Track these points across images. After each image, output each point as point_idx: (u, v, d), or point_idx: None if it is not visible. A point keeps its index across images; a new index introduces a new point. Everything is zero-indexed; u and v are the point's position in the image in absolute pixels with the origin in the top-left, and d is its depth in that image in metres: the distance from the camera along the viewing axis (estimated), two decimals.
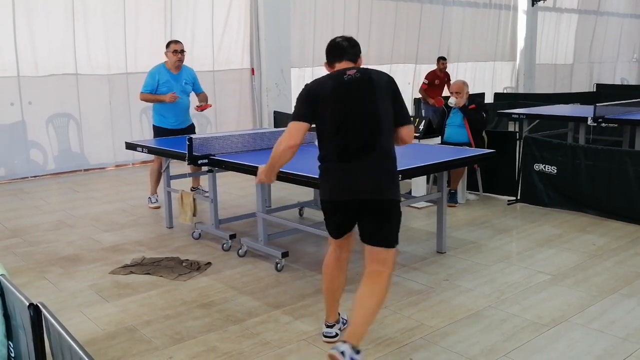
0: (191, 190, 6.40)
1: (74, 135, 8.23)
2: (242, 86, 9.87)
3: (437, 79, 10.26)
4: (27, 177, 7.83)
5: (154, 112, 6.11)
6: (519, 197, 5.99)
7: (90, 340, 3.20)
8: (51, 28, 7.82)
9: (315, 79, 3.02)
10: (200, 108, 6.19)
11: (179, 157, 4.65)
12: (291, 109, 11.26)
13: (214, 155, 4.46)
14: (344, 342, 2.62)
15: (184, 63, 6.03)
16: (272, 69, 9.71)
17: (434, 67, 11.96)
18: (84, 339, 3.21)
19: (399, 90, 2.94)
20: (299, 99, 2.93)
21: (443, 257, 4.47)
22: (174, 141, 5.51)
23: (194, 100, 6.26)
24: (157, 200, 6.18)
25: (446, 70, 10.41)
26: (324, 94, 2.86)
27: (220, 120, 9.63)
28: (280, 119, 9.50)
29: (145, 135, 8.63)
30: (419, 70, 12.97)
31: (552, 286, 3.84)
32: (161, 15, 8.78)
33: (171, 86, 5.90)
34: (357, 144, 2.77)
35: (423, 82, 10.35)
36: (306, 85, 3.01)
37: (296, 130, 2.85)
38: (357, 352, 2.60)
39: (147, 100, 6.00)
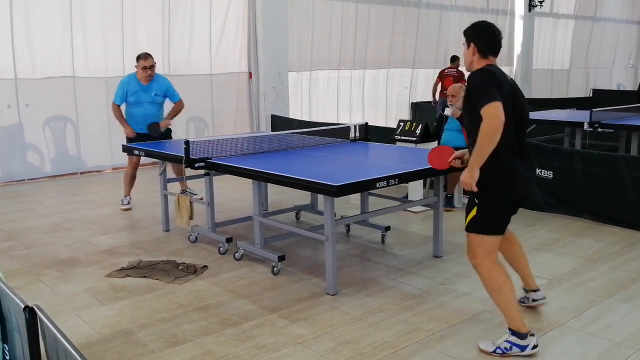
0: (181, 193, 6.41)
1: (70, 138, 8.21)
2: (239, 90, 9.88)
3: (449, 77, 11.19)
4: (24, 180, 7.81)
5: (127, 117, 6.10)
6: None
7: (86, 344, 3.20)
8: (49, 31, 7.82)
9: (487, 68, 2.95)
10: (163, 124, 6.06)
11: (176, 160, 4.65)
12: (289, 113, 11.28)
13: (210, 159, 4.46)
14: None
15: (157, 73, 6.09)
16: (269, 72, 9.73)
17: (431, 71, 12.18)
18: (80, 342, 3.20)
19: None
20: (484, 83, 2.85)
21: (439, 261, 4.47)
22: (171, 144, 5.51)
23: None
24: (129, 202, 6.23)
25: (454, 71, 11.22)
26: (505, 86, 2.89)
27: (218, 124, 9.63)
28: (278, 123, 9.52)
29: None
30: (416, 75, 13.00)
31: (548, 290, 3.84)
32: (159, 18, 8.79)
33: (139, 97, 5.98)
34: (524, 143, 3.02)
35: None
36: (486, 71, 2.93)
37: (499, 108, 2.77)
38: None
39: (114, 115, 6.06)
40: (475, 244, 3.02)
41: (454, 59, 11.39)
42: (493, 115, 2.76)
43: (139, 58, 5.99)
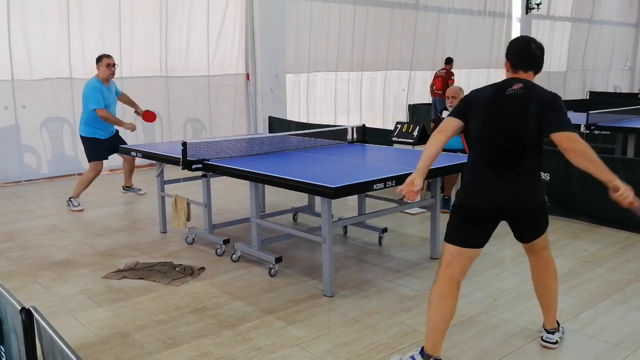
0: (124, 189, 6.83)
1: (68, 139, 8.20)
2: (237, 91, 9.88)
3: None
4: (21, 181, 7.80)
5: (86, 125, 6.21)
6: None
7: (83, 345, 3.19)
8: (46, 32, 7.81)
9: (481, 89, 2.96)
10: (145, 117, 6.63)
11: (173, 161, 4.65)
12: (286, 115, 11.29)
13: (208, 160, 4.46)
14: (553, 330, 3.14)
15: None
16: (267, 74, 9.73)
17: (428, 73, 12.31)
18: (76, 343, 3.19)
19: (559, 107, 2.76)
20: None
21: (436, 263, 4.44)
22: (168, 146, 5.51)
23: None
24: (79, 204, 6.30)
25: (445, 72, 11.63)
26: (479, 99, 2.88)
27: (215, 125, 9.63)
28: (275, 124, 9.52)
29: (139, 140, 8.62)
30: (413, 77, 13.02)
31: None
32: (156, 20, 8.78)
33: (109, 99, 6.21)
34: (494, 160, 2.83)
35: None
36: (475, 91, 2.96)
37: (445, 121, 2.93)
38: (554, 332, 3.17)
39: (108, 119, 6.15)
40: (442, 249, 2.97)
41: (448, 61, 11.73)
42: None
43: (101, 58, 6.21)
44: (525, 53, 2.85)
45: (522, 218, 2.91)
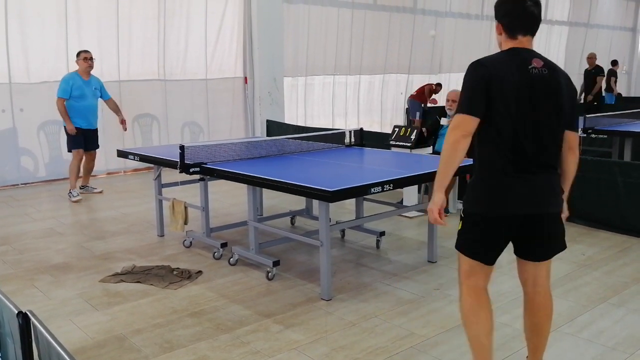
0: (80, 188, 7.14)
1: (65, 142, 8.18)
2: (234, 95, 9.89)
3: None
4: (18, 185, 7.79)
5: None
6: None
7: (80, 349, 3.18)
8: (44, 35, 7.81)
9: (488, 57, 2.43)
10: (123, 124, 7.22)
11: (171, 165, 4.65)
12: (284, 118, 11.29)
13: (205, 164, 4.46)
14: None
15: (92, 73, 6.91)
16: (265, 77, 9.73)
17: (426, 77, 12.32)
18: (73, 347, 3.19)
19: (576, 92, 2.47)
20: (464, 86, 2.41)
21: (434, 266, 4.48)
22: (166, 149, 5.50)
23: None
24: (78, 194, 6.87)
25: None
26: (503, 82, 2.34)
27: (213, 129, 9.63)
28: (273, 128, 9.52)
29: (137, 143, 8.62)
30: (411, 81, 13.04)
31: None
32: (154, 23, 8.79)
33: (84, 91, 6.75)
34: (529, 156, 2.39)
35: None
36: (479, 63, 2.39)
37: (463, 120, 2.37)
38: None
39: (59, 110, 6.69)
40: (458, 259, 2.64)
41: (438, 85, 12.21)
42: (454, 126, 2.38)
43: (79, 53, 6.83)
44: (522, 12, 2.39)
45: (545, 226, 2.48)
